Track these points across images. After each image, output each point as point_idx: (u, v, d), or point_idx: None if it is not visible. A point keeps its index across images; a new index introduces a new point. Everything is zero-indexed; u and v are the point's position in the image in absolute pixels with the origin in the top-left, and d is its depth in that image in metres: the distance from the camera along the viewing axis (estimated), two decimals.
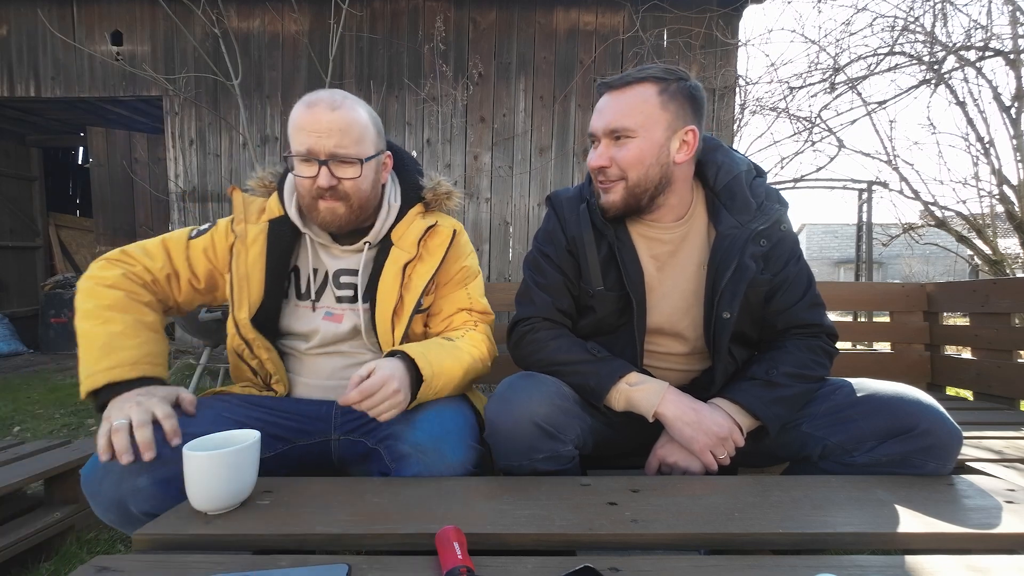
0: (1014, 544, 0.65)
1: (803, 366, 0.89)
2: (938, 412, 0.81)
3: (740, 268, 0.88)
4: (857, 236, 5.01)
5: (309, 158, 0.88)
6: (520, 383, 0.86)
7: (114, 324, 0.86)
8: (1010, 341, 1.65)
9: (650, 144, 0.86)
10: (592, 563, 0.57)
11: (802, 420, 0.89)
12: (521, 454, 0.82)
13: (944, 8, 3.32)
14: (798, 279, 0.94)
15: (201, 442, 0.74)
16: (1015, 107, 3.11)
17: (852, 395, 0.87)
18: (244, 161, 3.92)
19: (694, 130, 0.88)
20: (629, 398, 0.87)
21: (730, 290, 0.89)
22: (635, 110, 0.86)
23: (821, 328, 0.94)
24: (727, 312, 0.89)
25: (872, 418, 0.83)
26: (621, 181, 0.89)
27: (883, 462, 0.82)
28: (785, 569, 0.58)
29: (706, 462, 0.84)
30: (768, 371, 0.88)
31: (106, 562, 0.60)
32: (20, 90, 3.93)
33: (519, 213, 3.87)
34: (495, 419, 0.83)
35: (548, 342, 0.93)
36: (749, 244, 0.89)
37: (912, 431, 0.80)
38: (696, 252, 0.94)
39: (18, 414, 2.54)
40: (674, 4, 3.65)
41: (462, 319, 1.04)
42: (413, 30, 3.84)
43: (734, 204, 0.92)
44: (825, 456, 0.87)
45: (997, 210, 3.45)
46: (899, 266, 14.64)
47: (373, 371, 0.79)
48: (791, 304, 0.94)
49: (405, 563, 0.59)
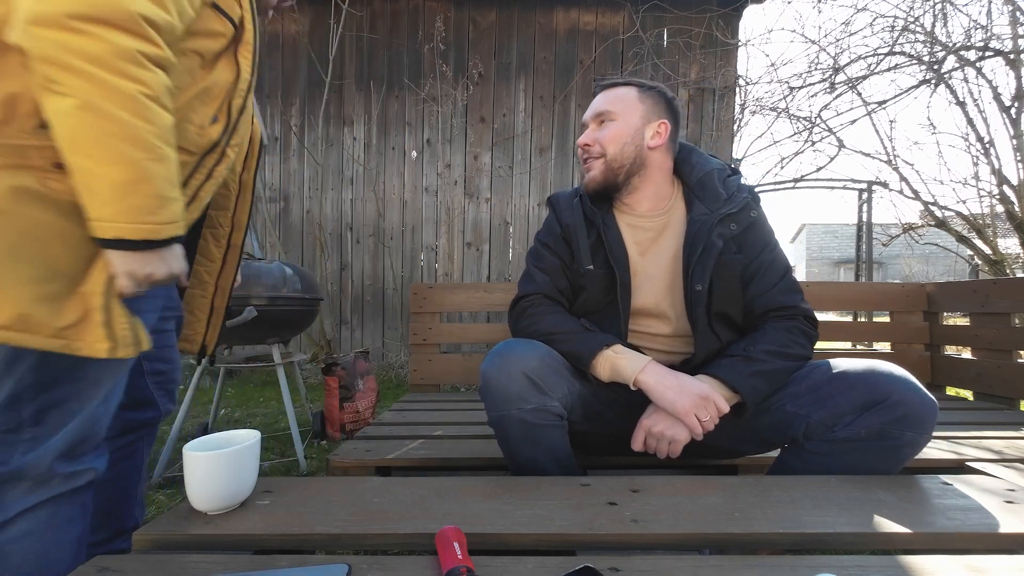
0: (1014, 544, 0.65)
1: (782, 344, 0.94)
2: (910, 382, 0.84)
3: (708, 245, 0.99)
4: (857, 236, 5.01)
5: None
6: (513, 343, 0.93)
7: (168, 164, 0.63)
8: (1010, 341, 1.65)
9: (626, 126, 1.02)
10: (592, 563, 0.57)
11: (785, 400, 0.94)
12: (511, 402, 0.87)
13: (944, 8, 3.33)
14: (773, 266, 1.02)
15: (201, 442, 0.74)
16: (1015, 107, 3.11)
17: (829, 372, 0.92)
18: None
19: (666, 124, 1.03)
20: (614, 365, 0.93)
21: (700, 264, 0.98)
22: (617, 100, 1.04)
23: (798, 310, 1.00)
24: (699, 284, 0.98)
25: (848, 393, 0.86)
26: (601, 158, 1.03)
27: (863, 436, 0.85)
28: (785, 569, 0.58)
29: (690, 424, 0.87)
30: (746, 348, 0.94)
31: (106, 562, 0.60)
32: None
33: (519, 213, 3.87)
34: (488, 371, 0.89)
35: (545, 315, 1.02)
36: (717, 226, 1.00)
37: (884, 401, 0.83)
38: (675, 240, 1.04)
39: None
40: (674, 4, 3.65)
41: None
42: (413, 30, 3.84)
43: (705, 194, 1.04)
44: (809, 435, 0.90)
45: (997, 210, 3.45)
46: (899, 266, 14.65)
47: None
48: (767, 289, 1.00)
49: (405, 563, 0.59)
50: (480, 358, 1.82)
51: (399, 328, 3.89)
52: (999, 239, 3.58)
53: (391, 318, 3.91)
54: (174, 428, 1.72)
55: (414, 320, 1.84)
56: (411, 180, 3.89)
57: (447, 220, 3.87)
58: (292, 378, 2.89)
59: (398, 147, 3.89)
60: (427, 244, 3.90)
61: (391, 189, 3.90)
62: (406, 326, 3.84)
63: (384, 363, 3.73)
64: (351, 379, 2.13)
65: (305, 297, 1.87)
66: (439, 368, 1.82)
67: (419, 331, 1.83)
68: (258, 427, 2.31)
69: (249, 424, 2.42)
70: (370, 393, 2.21)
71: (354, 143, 3.90)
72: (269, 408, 2.75)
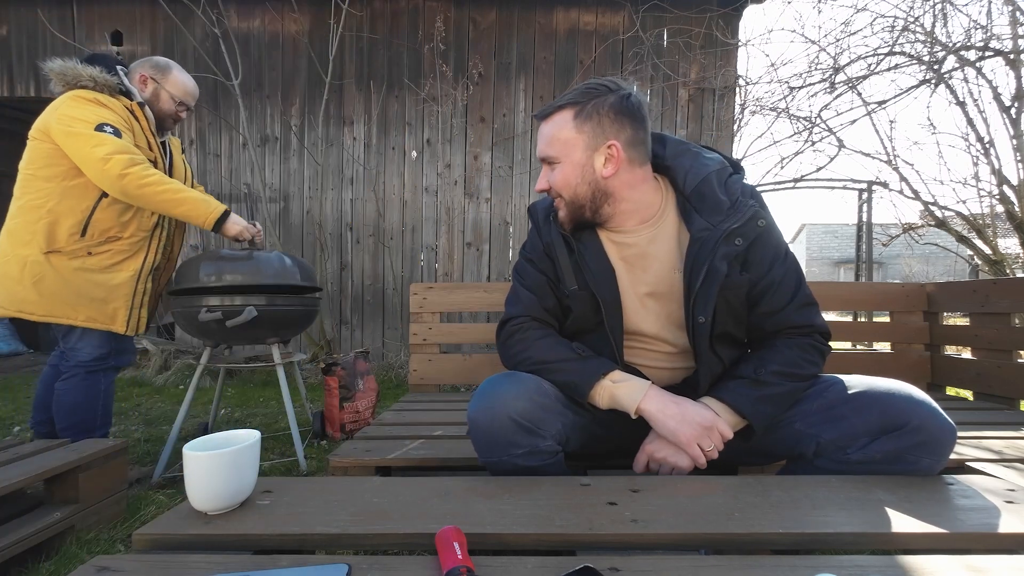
0: (1014, 544, 0.65)
1: (793, 364, 0.89)
2: (930, 407, 0.80)
3: (711, 271, 0.89)
4: (857, 236, 5.01)
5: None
6: (499, 380, 0.88)
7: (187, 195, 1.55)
8: (1010, 341, 1.65)
9: (572, 166, 0.92)
10: (592, 563, 0.57)
11: (795, 418, 0.90)
12: (500, 449, 0.84)
13: (944, 8, 3.32)
14: (786, 280, 0.93)
15: (201, 442, 0.74)
16: (1015, 107, 3.11)
17: (844, 392, 0.87)
18: (244, 161, 3.92)
19: (616, 145, 0.90)
20: (612, 395, 0.88)
21: (703, 293, 0.89)
22: (554, 138, 0.93)
23: (813, 327, 0.94)
24: (702, 316, 0.90)
25: (864, 414, 0.83)
26: (561, 199, 0.95)
27: (877, 459, 0.82)
28: (785, 569, 0.58)
29: (693, 455, 0.84)
30: (756, 370, 0.89)
31: (106, 562, 0.60)
32: (20, 90, 3.94)
33: (519, 213, 3.87)
34: (474, 415, 0.85)
35: (535, 341, 0.96)
36: (721, 245, 0.89)
37: (904, 427, 0.80)
38: (667, 254, 0.95)
39: (18, 414, 2.54)
40: (674, 4, 3.65)
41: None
42: (413, 30, 3.84)
43: (704, 205, 0.92)
44: (819, 454, 0.87)
45: (997, 210, 3.45)
46: (899, 266, 14.65)
47: None
48: (781, 307, 0.93)
49: (405, 563, 0.59)
50: (480, 358, 1.82)
51: (399, 328, 3.89)
52: (999, 239, 3.58)
53: (391, 318, 3.91)
54: (174, 428, 1.72)
55: (414, 320, 1.84)
56: (411, 180, 3.89)
57: (447, 220, 3.87)
58: (292, 378, 2.89)
59: (398, 147, 3.89)
60: (427, 244, 3.90)
61: (391, 189, 3.90)
62: (406, 326, 3.83)
63: (384, 363, 3.73)
64: (351, 379, 2.13)
65: (305, 293, 1.87)
66: (439, 368, 1.82)
67: (419, 331, 1.83)
68: (258, 427, 2.31)
69: (249, 424, 2.42)
70: (370, 393, 2.21)
71: (354, 143, 3.90)
72: (269, 408, 2.75)
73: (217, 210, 1.57)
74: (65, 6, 3.86)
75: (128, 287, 1.60)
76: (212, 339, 1.77)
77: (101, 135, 1.44)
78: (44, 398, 1.66)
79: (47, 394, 1.65)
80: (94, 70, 1.54)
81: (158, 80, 1.64)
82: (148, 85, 1.64)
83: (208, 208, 1.56)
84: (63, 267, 1.51)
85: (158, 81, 1.64)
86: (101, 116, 1.47)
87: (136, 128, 1.57)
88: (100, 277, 1.55)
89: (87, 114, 1.47)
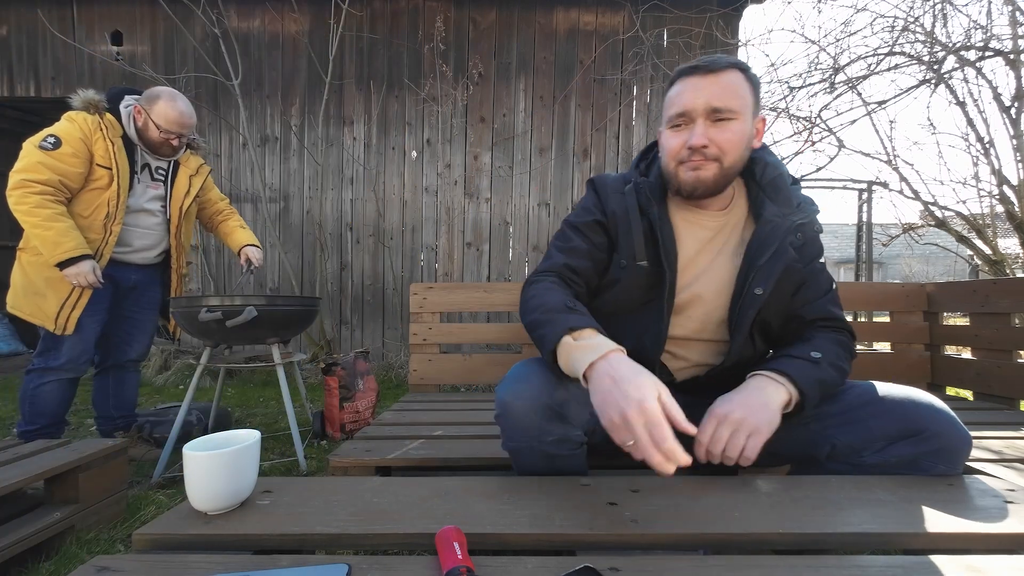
0: (1014, 544, 0.65)
1: (837, 357, 0.90)
2: (949, 416, 0.81)
3: (780, 250, 0.91)
4: (857, 236, 5.01)
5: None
6: (534, 366, 0.85)
7: (62, 222, 1.59)
8: (1010, 341, 1.65)
9: (744, 127, 0.89)
10: (592, 563, 0.57)
11: (811, 418, 0.89)
12: (532, 436, 0.81)
13: (944, 8, 3.32)
14: (823, 275, 0.98)
15: (201, 442, 0.74)
16: (1015, 107, 3.11)
17: (863, 396, 0.87)
18: (244, 161, 3.92)
19: (764, 120, 0.93)
20: (569, 355, 0.76)
21: (767, 268, 0.90)
22: (736, 93, 0.87)
23: (845, 324, 0.96)
24: (759, 288, 0.90)
25: (882, 419, 0.83)
26: (716, 162, 0.89)
27: (892, 463, 0.83)
28: (785, 569, 0.58)
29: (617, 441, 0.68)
30: (810, 352, 0.88)
31: (106, 562, 0.60)
32: (20, 90, 3.94)
33: (519, 213, 3.87)
34: (507, 399, 0.81)
35: (540, 294, 0.89)
36: (789, 234, 0.92)
37: (922, 434, 0.80)
38: (732, 241, 0.97)
39: (18, 414, 2.54)
40: (674, 4, 3.65)
41: (225, 203, 2.11)
42: (413, 30, 3.84)
43: (778, 197, 0.95)
44: (833, 457, 0.87)
45: (997, 210, 3.45)
46: (899, 266, 14.64)
47: None
48: (818, 296, 0.96)
49: (405, 563, 0.59)
50: (480, 358, 1.82)
51: (399, 328, 3.89)
52: (999, 239, 3.58)
53: (391, 318, 3.91)
54: (174, 428, 1.72)
55: (414, 320, 1.84)
56: (411, 180, 3.89)
57: (447, 220, 3.87)
58: (292, 378, 2.89)
59: (398, 147, 3.89)
60: (427, 244, 3.90)
61: (391, 189, 3.90)
62: (406, 326, 3.84)
63: (384, 363, 3.73)
64: (351, 379, 2.13)
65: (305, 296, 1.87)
66: (439, 368, 1.82)
67: (419, 331, 1.83)
68: (258, 427, 2.31)
69: (249, 424, 2.42)
70: (370, 393, 2.21)
71: (354, 143, 3.90)
72: (269, 408, 2.75)
73: (63, 255, 1.58)
74: (65, 6, 3.86)
75: (63, 283, 1.65)
76: (212, 339, 1.77)
77: (27, 148, 1.59)
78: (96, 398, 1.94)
79: (98, 394, 1.93)
80: (90, 92, 1.71)
81: (146, 110, 1.73)
82: (140, 115, 1.74)
83: (57, 250, 1.57)
84: (27, 263, 1.66)
85: (146, 111, 1.73)
86: (53, 130, 1.63)
87: (96, 136, 1.66)
88: (47, 272, 1.64)
89: (48, 129, 1.63)
